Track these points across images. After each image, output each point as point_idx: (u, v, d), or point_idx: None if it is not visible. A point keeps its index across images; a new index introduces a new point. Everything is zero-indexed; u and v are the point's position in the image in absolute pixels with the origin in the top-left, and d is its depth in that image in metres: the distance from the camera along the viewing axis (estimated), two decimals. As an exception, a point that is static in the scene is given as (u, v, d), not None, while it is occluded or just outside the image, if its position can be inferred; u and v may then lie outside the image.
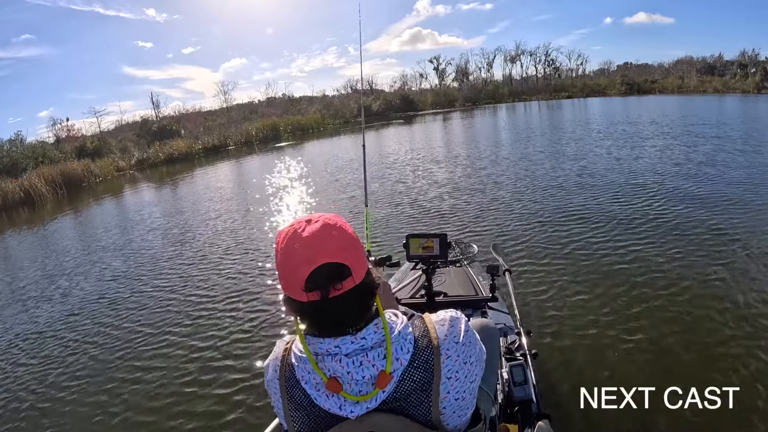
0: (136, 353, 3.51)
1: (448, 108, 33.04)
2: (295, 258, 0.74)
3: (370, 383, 0.76)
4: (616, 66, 44.39)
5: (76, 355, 3.65)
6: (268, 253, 5.44)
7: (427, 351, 0.78)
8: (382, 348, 0.76)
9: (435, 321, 0.83)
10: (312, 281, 0.73)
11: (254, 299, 4.16)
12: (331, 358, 0.76)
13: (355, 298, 0.76)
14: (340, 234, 0.77)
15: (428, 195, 7.35)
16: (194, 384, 3.00)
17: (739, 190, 5.86)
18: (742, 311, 3.05)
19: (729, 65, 33.67)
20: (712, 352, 2.67)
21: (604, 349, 2.80)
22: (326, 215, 0.80)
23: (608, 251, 4.25)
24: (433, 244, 1.91)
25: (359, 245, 0.80)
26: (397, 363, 0.76)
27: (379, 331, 0.78)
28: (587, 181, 7.07)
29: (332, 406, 0.77)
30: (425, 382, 0.77)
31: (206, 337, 3.58)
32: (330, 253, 0.74)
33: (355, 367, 0.75)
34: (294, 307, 0.78)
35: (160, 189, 13.11)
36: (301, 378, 0.79)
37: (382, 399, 0.76)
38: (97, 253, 6.66)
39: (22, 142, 21.52)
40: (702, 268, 3.73)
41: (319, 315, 0.76)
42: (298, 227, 0.76)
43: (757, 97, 23.31)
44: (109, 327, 4.06)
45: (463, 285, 2.38)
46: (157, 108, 32.06)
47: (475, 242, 2.78)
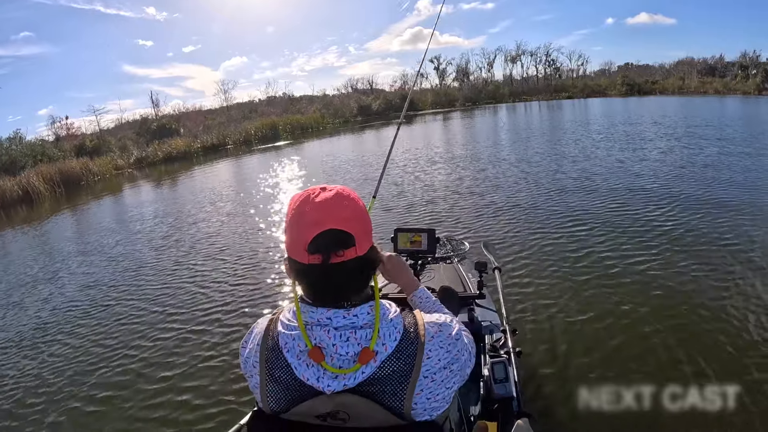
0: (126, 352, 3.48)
1: (449, 108, 32.99)
2: (304, 220, 0.76)
3: (351, 360, 0.76)
4: (617, 66, 44.45)
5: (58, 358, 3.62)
6: (263, 246, 5.43)
7: (412, 345, 0.79)
8: (371, 329, 0.77)
9: (427, 320, 0.83)
10: (315, 244, 0.75)
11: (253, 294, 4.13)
12: (320, 328, 0.77)
13: (355, 269, 0.78)
14: (351, 204, 0.79)
15: (424, 193, 7.32)
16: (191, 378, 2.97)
17: (741, 193, 5.81)
18: (739, 312, 3.04)
19: (730, 66, 33.63)
20: (700, 352, 2.67)
21: (590, 350, 2.81)
22: (341, 186, 0.81)
23: (600, 253, 4.26)
24: (422, 239, 1.91)
25: (367, 219, 0.82)
26: (381, 347, 0.77)
27: (372, 313, 0.79)
28: (584, 183, 7.04)
29: (311, 376, 0.77)
30: (404, 374, 0.77)
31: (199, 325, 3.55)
32: (338, 220, 0.76)
33: (342, 341, 0.76)
34: (294, 268, 0.79)
35: (157, 188, 13.09)
36: (284, 345, 0.80)
37: (360, 380, 0.76)
38: (90, 251, 6.63)
39: (21, 140, 21.48)
40: (693, 270, 3.74)
41: (318, 279, 0.78)
42: (312, 192, 0.79)
43: (758, 99, 23.26)
44: (100, 326, 4.02)
45: (452, 281, 2.36)
46: (156, 107, 32.11)
47: (467, 240, 2.74)
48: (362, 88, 41.89)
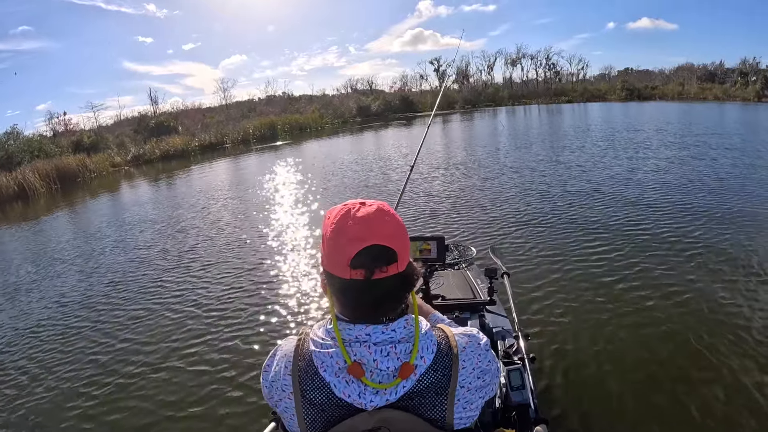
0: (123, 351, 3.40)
1: (448, 110, 32.92)
2: (347, 234, 0.75)
3: (392, 375, 0.76)
4: (617, 71, 44.42)
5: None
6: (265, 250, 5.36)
7: (446, 357, 0.79)
8: (409, 343, 0.78)
9: (455, 332, 0.84)
10: (359, 259, 0.74)
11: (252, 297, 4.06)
12: (359, 345, 0.77)
13: (396, 284, 0.78)
14: (393, 220, 0.79)
15: (429, 197, 7.25)
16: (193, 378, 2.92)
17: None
18: (753, 326, 2.99)
19: (729, 73, 33.66)
20: (717, 362, 2.64)
21: (603, 355, 2.79)
22: (379, 201, 0.81)
23: (609, 258, 4.23)
24: (431, 247, 1.91)
25: (407, 235, 0.82)
26: (420, 360, 0.77)
27: (409, 327, 0.79)
28: (590, 189, 6.97)
29: (352, 392, 0.76)
30: (442, 386, 0.78)
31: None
32: (382, 236, 0.76)
33: (382, 356, 0.76)
34: (334, 284, 0.79)
35: (154, 186, 13.00)
36: (320, 365, 0.78)
37: (401, 394, 0.76)
38: (66, 259, 6.52)
39: (17, 135, 21.32)
40: (707, 278, 3.70)
41: (359, 295, 0.77)
42: (352, 207, 0.78)
43: (757, 106, 23.22)
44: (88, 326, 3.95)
45: (462, 288, 2.36)
46: (155, 104, 31.95)
47: (473, 245, 2.76)
48: (362, 89, 41.80)
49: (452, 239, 4.76)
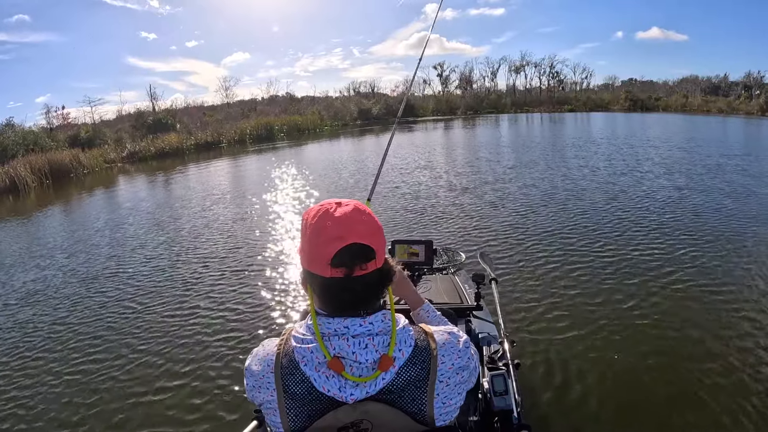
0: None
1: (450, 116, 32.79)
2: (326, 234, 0.76)
3: (371, 368, 0.77)
4: (621, 81, 44.36)
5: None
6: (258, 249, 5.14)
7: (425, 351, 0.80)
8: (387, 336, 0.79)
9: (435, 329, 0.86)
10: (339, 258, 0.75)
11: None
12: (338, 338, 0.78)
13: (375, 280, 0.80)
14: (369, 219, 0.81)
15: (419, 202, 7.13)
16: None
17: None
18: (741, 336, 3.00)
19: (733, 86, 33.54)
20: (700, 371, 2.66)
21: (588, 362, 2.81)
22: (355, 200, 0.82)
23: (597, 266, 4.27)
24: (419, 251, 1.92)
25: (383, 233, 0.83)
26: (398, 353, 0.78)
27: (386, 320, 0.81)
28: (582, 197, 6.96)
29: (332, 387, 0.77)
30: (421, 379, 0.79)
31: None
32: (360, 234, 0.77)
33: (360, 349, 0.77)
34: (314, 281, 0.80)
35: (149, 184, 12.78)
36: (300, 359, 0.79)
37: (381, 386, 0.77)
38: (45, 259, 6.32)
39: (13, 127, 21.11)
40: (697, 285, 3.77)
41: (339, 292, 0.78)
42: (329, 207, 0.79)
43: (760, 120, 22.98)
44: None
45: (449, 293, 2.37)
46: (154, 100, 31.75)
47: (462, 250, 2.74)
48: (364, 92, 41.70)
49: (441, 244, 4.63)
